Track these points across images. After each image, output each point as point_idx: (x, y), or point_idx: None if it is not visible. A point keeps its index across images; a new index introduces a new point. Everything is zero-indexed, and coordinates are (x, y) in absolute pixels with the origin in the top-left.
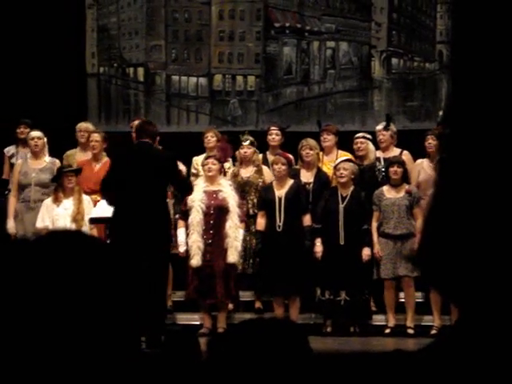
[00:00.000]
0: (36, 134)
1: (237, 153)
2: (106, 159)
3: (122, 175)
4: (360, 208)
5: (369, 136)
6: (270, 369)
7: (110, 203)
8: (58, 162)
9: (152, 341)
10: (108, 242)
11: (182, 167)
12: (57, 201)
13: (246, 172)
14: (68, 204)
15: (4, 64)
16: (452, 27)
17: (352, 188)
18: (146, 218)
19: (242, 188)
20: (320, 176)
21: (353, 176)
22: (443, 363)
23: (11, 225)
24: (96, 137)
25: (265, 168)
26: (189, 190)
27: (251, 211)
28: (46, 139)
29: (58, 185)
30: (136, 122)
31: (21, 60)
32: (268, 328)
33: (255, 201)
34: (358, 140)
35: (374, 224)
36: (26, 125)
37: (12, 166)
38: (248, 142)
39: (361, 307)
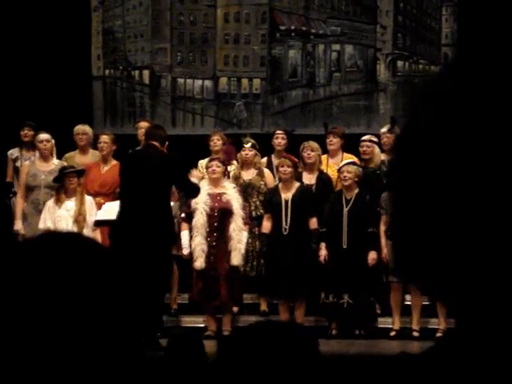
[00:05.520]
0: (44, 136)
1: (238, 155)
2: (114, 162)
3: (127, 178)
4: (364, 211)
5: (375, 139)
6: (280, 371)
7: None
8: (65, 163)
9: (148, 342)
10: (110, 244)
11: (195, 173)
12: (59, 202)
13: (248, 174)
14: (70, 205)
15: (9, 66)
16: (457, 30)
17: (356, 191)
18: (149, 221)
19: (245, 190)
20: (322, 178)
21: (357, 179)
22: (445, 366)
23: (20, 226)
24: (105, 138)
25: (266, 171)
26: (195, 193)
27: (253, 213)
28: (53, 141)
29: (59, 186)
30: (141, 124)
31: (26, 62)
32: (279, 331)
33: (257, 203)
34: (364, 143)
35: (383, 227)
36: (29, 127)
37: (16, 168)
38: (249, 145)
39: (365, 310)
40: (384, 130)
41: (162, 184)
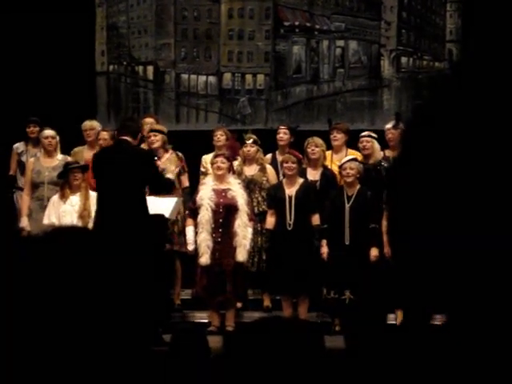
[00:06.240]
0: (50, 132)
1: (240, 151)
2: None
3: (100, 176)
4: (366, 207)
5: (374, 135)
6: (286, 367)
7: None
8: (69, 159)
9: (151, 337)
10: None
11: (171, 168)
12: (63, 197)
13: (250, 170)
14: (75, 200)
15: (14, 62)
16: (462, 26)
17: (358, 187)
18: (124, 216)
19: (247, 186)
20: (326, 174)
21: (358, 175)
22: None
23: (26, 223)
24: (104, 135)
25: (268, 167)
26: (167, 188)
27: (256, 210)
28: (58, 138)
29: (64, 181)
30: (146, 120)
31: (31, 58)
32: (285, 327)
33: (260, 199)
34: (363, 139)
35: (385, 223)
36: (35, 123)
37: (20, 162)
38: (251, 141)
39: (367, 306)
40: (389, 125)
41: (136, 179)
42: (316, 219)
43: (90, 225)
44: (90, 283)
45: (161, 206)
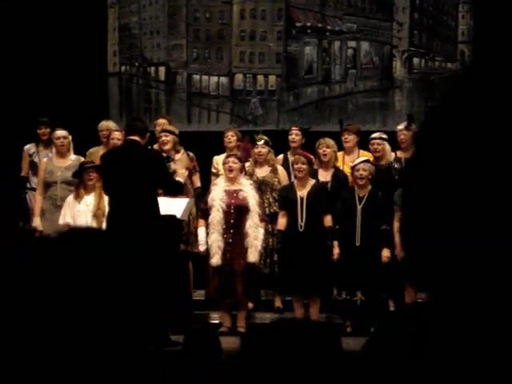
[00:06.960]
0: (62, 133)
1: (251, 152)
2: None
3: (110, 175)
4: (377, 208)
5: (385, 136)
6: (303, 368)
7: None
8: (82, 159)
9: (159, 338)
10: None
11: (180, 171)
12: (78, 197)
13: (262, 172)
14: (89, 200)
15: (26, 63)
16: (474, 27)
17: (369, 188)
18: (135, 216)
19: (258, 187)
20: (337, 175)
21: (370, 177)
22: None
23: (38, 223)
24: (117, 135)
25: (279, 168)
26: (176, 189)
27: (267, 210)
28: (70, 138)
29: (79, 181)
30: (160, 121)
31: (43, 59)
32: (301, 328)
33: (271, 200)
34: (374, 141)
35: (397, 225)
36: (46, 125)
37: (32, 163)
38: (262, 142)
39: (379, 307)
40: (401, 127)
41: (146, 178)
42: (328, 220)
43: (104, 224)
44: (102, 284)
45: (172, 206)
